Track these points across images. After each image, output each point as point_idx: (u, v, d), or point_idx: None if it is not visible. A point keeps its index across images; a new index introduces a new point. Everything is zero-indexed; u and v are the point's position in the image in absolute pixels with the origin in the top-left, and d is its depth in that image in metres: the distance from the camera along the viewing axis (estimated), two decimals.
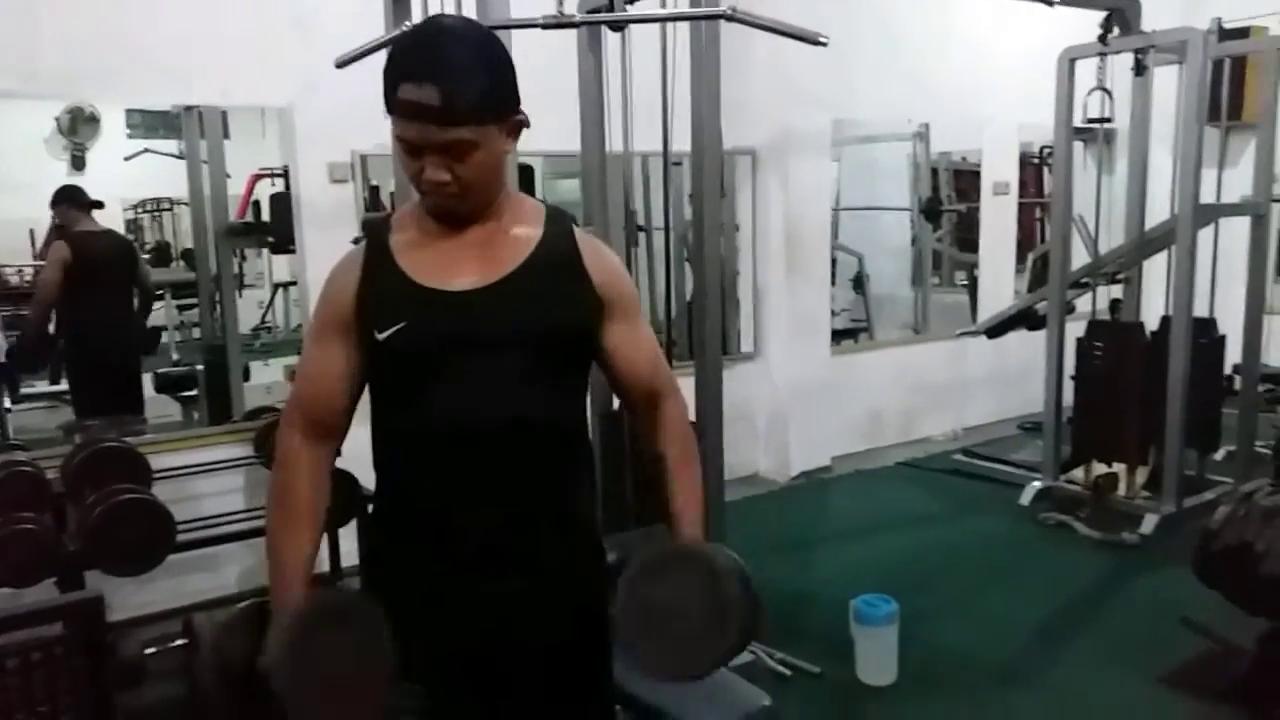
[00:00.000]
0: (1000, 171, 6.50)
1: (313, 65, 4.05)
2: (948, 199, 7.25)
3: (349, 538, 3.86)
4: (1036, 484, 4.93)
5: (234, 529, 3.47)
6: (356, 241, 1.53)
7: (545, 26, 2.10)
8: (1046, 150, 6.67)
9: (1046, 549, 4.34)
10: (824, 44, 1.83)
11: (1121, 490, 4.73)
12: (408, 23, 1.91)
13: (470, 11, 2.61)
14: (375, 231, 1.49)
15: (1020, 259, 6.84)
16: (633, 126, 3.20)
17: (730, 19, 1.70)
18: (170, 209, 6.11)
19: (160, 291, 5.41)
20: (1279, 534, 2.66)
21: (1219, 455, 5.06)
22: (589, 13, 2.75)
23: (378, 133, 4.11)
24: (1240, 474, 4.77)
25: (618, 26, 1.92)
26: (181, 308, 5.88)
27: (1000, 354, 6.11)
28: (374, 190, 4.16)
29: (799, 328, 5.40)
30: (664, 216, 4.28)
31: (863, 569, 4.06)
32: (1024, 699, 3.07)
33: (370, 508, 1.60)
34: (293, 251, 4.32)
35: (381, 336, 1.41)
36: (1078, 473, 4.95)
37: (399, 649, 1.35)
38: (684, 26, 2.72)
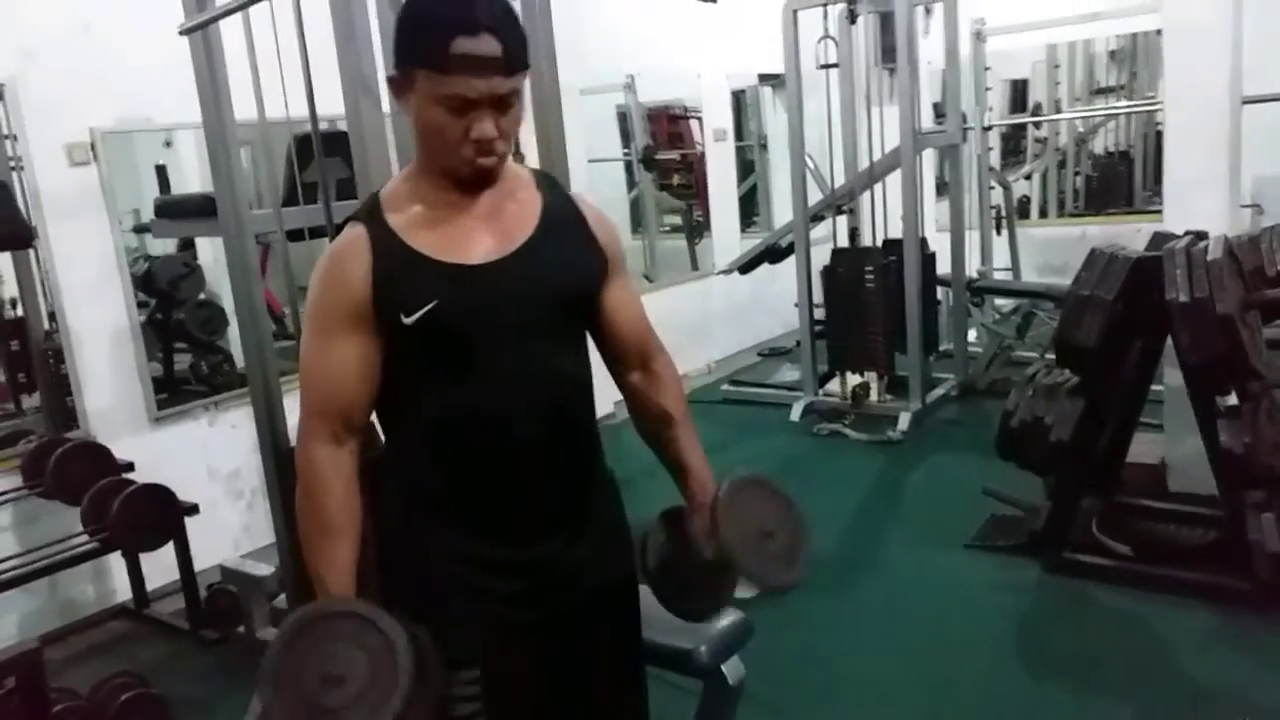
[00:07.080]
0: (718, 119, 6.93)
1: (28, 34, 3.55)
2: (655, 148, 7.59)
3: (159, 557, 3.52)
4: (801, 401, 5.43)
5: (6, 576, 3.10)
6: (340, 226, 1.44)
7: None
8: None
9: (829, 455, 4.83)
10: None
11: (873, 396, 5.33)
12: None
13: None
14: (371, 214, 1.41)
15: None
16: None
17: None
18: None
19: None
20: (1062, 406, 3.18)
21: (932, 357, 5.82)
22: None
23: (118, 106, 3.75)
24: (960, 371, 5.55)
25: None
26: None
27: (730, 291, 6.60)
28: (160, 170, 3.71)
29: None
30: None
31: None
32: (870, 582, 3.46)
33: (383, 510, 1.50)
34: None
35: (410, 320, 1.35)
36: (833, 386, 5.50)
37: (444, 638, 1.34)
38: None
